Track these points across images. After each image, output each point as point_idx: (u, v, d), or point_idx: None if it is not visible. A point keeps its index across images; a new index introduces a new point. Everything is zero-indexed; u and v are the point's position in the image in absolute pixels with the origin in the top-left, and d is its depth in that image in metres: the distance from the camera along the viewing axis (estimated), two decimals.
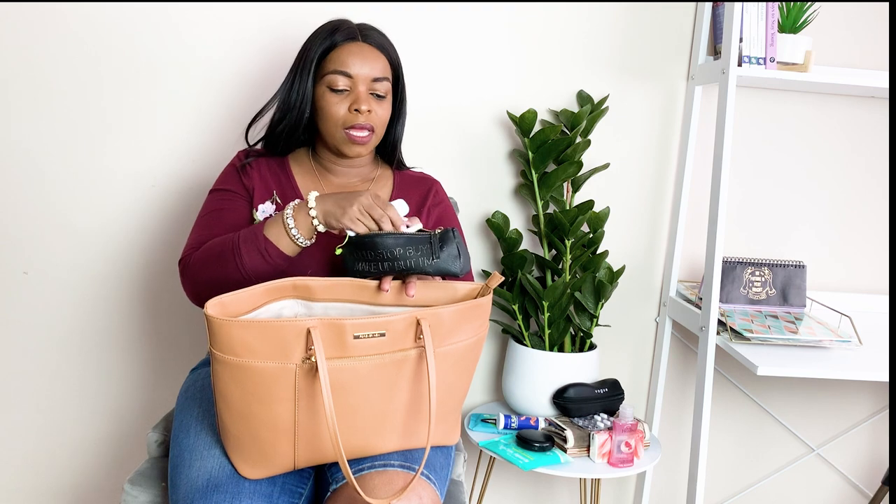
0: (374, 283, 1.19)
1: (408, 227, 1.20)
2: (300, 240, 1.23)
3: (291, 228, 1.22)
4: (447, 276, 1.19)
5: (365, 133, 1.36)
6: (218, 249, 1.26)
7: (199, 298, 1.32)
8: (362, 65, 1.36)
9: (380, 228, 1.19)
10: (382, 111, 1.38)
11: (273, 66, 1.80)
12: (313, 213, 1.22)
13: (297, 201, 1.25)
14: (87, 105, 1.78)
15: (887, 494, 2.00)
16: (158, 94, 1.79)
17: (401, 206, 1.23)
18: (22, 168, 1.80)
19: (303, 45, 1.41)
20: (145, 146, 1.81)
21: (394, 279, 1.21)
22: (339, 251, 1.23)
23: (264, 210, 1.39)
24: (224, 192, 1.41)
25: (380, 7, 1.81)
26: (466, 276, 1.50)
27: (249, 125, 1.48)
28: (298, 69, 1.39)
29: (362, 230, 1.19)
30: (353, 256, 1.21)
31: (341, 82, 1.35)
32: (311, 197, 1.23)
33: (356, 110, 1.34)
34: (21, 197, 1.81)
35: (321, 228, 1.23)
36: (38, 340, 1.86)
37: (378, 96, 1.37)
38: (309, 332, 1.05)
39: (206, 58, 1.79)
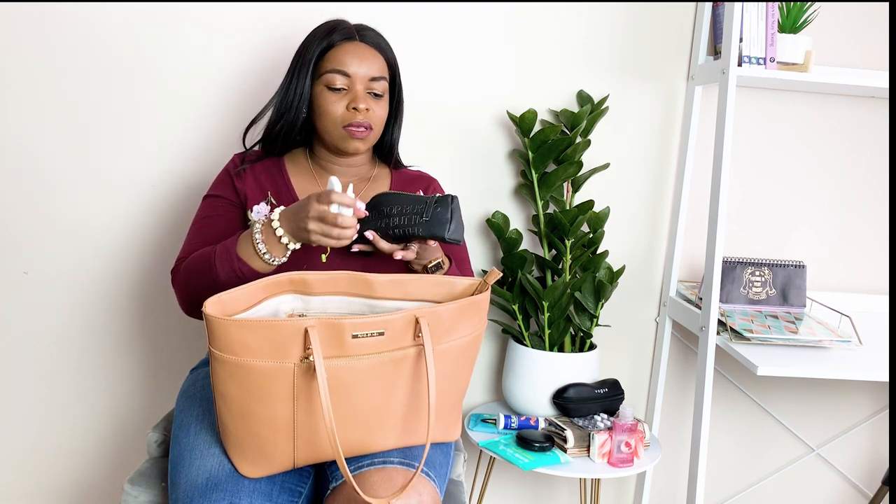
0: (371, 275, 1.19)
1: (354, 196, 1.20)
2: (273, 261, 1.25)
3: (264, 253, 1.23)
4: (437, 240, 1.22)
5: (363, 129, 1.37)
6: (197, 265, 1.28)
7: (189, 308, 1.34)
8: (360, 64, 1.36)
9: (341, 227, 1.18)
10: (380, 110, 1.39)
11: (273, 65, 1.81)
12: (280, 232, 1.22)
13: (262, 220, 1.25)
14: (87, 105, 1.79)
15: (887, 494, 2.00)
16: (158, 93, 1.79)
17: (335, 184, 1.20)
18: (22, 168, 1.80)
19: (300, 45, 1.42)
20: (145, 146, 1.81)
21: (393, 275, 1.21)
22: (324, 258, 1.28)
23: (259, 210, 1.39)
24: (216, 198, 1.42)
25: (379, 7, 1.81)
26: (465, 269, 1.49)
27: (248, 128, 1.48)
28: (296, 69, 1.40)
29: (333, 243, 1.20)
30: (363, 225, 1.27)
31: (339, 81, 1.36)
32: (276, 216, 1.23)
33: (354, 108, 1.35)
34: (21, 197, 1.81)
35: (293, 246, 1.24)
36: (38, 340, 1.87)
37: (375, 95, 1.39)
38: (307, 331, 1.05)
39: (206, 57, 1.79)
